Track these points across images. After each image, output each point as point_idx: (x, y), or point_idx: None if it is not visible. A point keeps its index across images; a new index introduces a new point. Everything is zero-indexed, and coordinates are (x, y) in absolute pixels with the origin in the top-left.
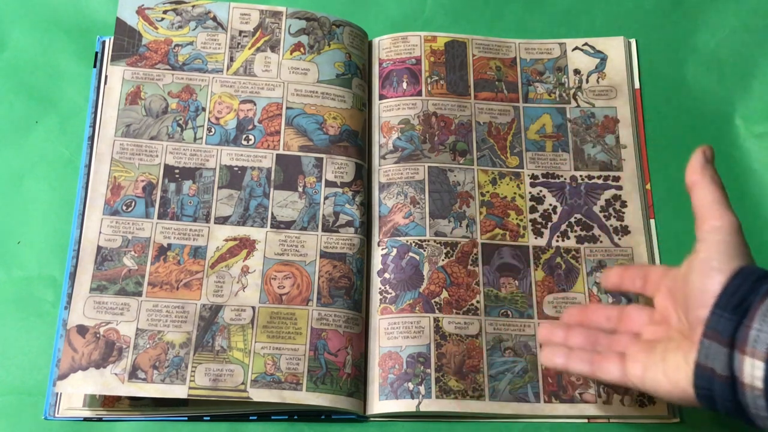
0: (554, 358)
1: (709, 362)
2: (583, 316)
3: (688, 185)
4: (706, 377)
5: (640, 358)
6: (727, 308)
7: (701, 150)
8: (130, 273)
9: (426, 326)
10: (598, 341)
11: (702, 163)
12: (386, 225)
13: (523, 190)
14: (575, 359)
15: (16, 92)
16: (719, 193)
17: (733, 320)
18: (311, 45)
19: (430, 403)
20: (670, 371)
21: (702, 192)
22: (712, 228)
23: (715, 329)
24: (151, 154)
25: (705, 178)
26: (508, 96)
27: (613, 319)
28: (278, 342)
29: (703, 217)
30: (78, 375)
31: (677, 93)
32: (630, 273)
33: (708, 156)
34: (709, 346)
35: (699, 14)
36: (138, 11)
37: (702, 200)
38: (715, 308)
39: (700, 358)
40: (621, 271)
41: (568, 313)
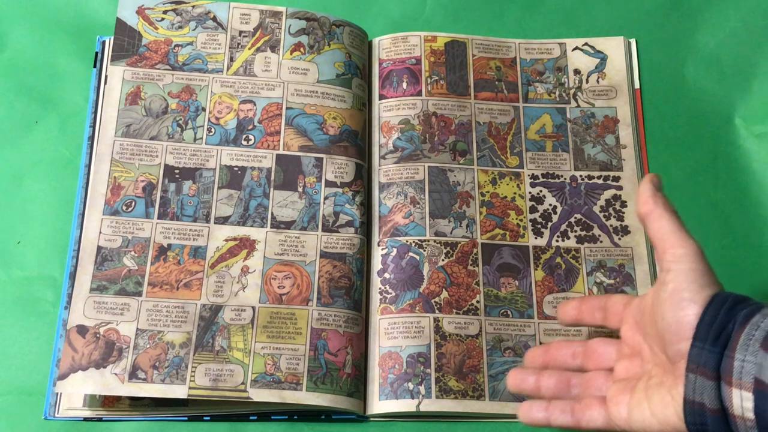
0: (535, 414)
1: (697, 397)
2: (546, 356)
3: (641, 216)
4: (697, 413)
5: (623, 400)
6: (707, 340)
7: (649, 178)
8: (130, 273)
9: (426, 326)
10: (571, 383)
11: (652, 192)
12: (386, 225)
13: (523, 190)
14: (556, 412)
15: (16, 92)
16: (676, 221)
17: (716, 352)
18: (311, 45)
19: (430, 403)
20: (657, 409)
21: (658, 222)
22: (675, 257)
23: (699, 363)
24: (151, 155)
25: (658, 207)
26: (508, 96)
27: (578, 355)
28: (278, 342)
29: (664, 246)
30: (78, 375)
31: (677, 93)
32: (588, 305)
33: (656, 184)
34: (695, 380)
35: (699, 14)
36: (138, 11)
37: (659, 230)
38: (695, 341)
39: (687, 394)
40: (578, 303)
41: (531, 355)
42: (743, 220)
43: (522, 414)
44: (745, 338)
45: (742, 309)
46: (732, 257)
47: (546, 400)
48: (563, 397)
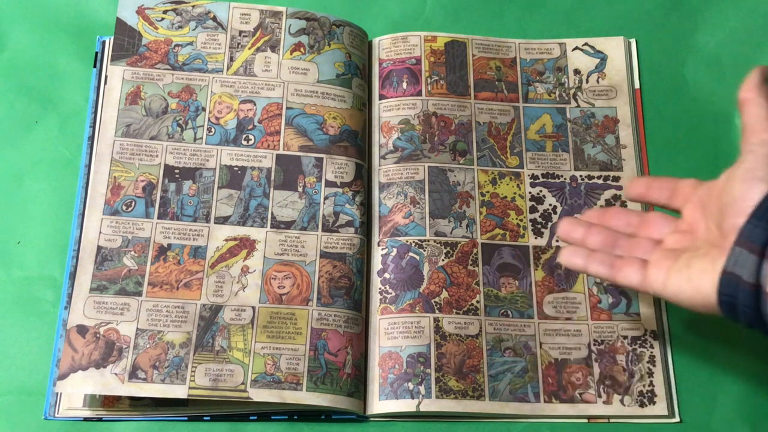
0: (574, 259)
1: (737, 269)
2: (603, 218)
3: (741, 101)
4: (731, 284)
5: (665, 265)
6: (763, 218)
7: (759, 69)
8: (130, 273)
9: (426, 326)
10: (618, 243)
11: (759, 81)
12: (386, 225)
13: (523, 190)
14: (595, 261)
15: (16, 92)
16: None
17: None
18: (311, 45)
19: (430, 403)
20: (695, 277)
21: (755, 108)
22: (761, 141)
23: (749, 237)
24: (151, 154)
25: (759, 96)
26: (508, 96)
27: (633, 224)
28: (278, 342)
29: (754, 130)
30: (78, 375)
31: (677, 93)
32: (659, 183)
33: (765, 75)
34: (739, 253)
35: (699, 14)
36: (138, 11)
37: (754, 116)
38: (751, 217)
39: (728, 265)
40: (649, 181)
41: (587, 214)
42: None
43: (563, 256)
44: None
45: None
46: None
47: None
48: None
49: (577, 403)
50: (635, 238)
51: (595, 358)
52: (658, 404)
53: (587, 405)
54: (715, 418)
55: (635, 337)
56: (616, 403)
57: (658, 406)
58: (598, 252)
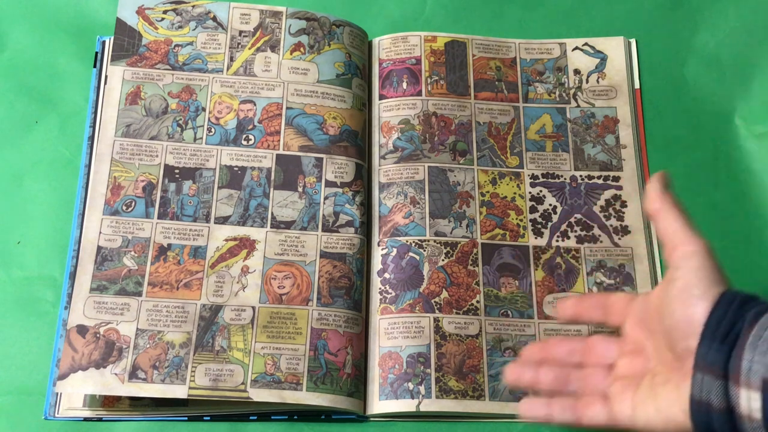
0: (535, 410)
1: (704, 396)
2: (544, 352)
3: (650, 214)
4: (703, 411)
5: (627, 397)
6: (715, 339)
7: (657, 177)
8: (130, 273)
9: (426, 326)
10: (570, 378)
11: (661, 190)
12: (386, 225)
13: (523, 190)
14: (557, 409)
15: (16, 92)
16: (684, 218)
17: (724, 351)
18: (311, 45)
19: (430, 403)
20: (663, 407)
21: (666, 220)
22: (685, 254)
23: (706, 361)
24: (151, 154)
25: (666, 205)
26: (508, 96)
27: (577, 352)
28: (278, 342)
29: (673, 244)
30: (78, 375)
31: (677, 93)
32: (588, 303)
33: (665, 182)
34: (702, 379)
35: (699, 14)
36: (138, 11)
37: (668, 228)
38: (702, 339)
39: (694, 392)
40: (577, 301)
41: (528, 351)
42: (743, 220)
43: (523, 410)
44: (754, 338)
45: (751, 308)
46: (732, 257)
47: (546, 397)
48: (561, 391)
49: None
50: (586, 369)
51: None
52: None
53: None
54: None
55: None
56: None
57: None
58: (556, 399)
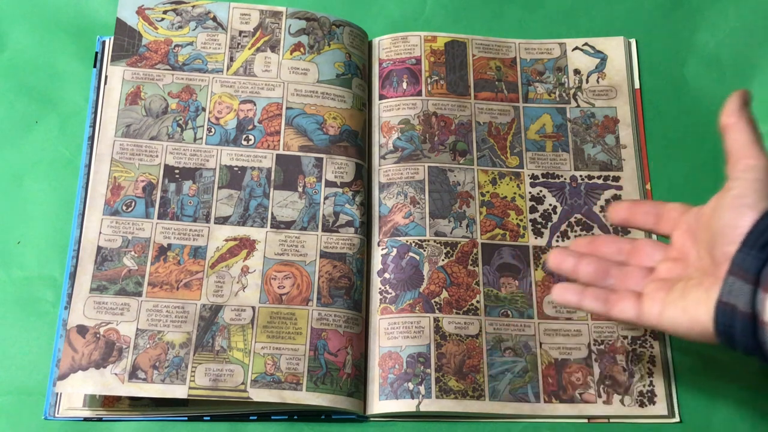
0: (567, 295)
1: (732, 299)
2: (592, 246)
3: (723, 126)
4: (727, 314)
5: (659, 297)
6: (755, 246)
7: (739, 93)
8: (130, 273)
9: (426, 326)
10: (610, 273)
11: (739, 105)
12: (386, 225)
13: (523, 190)
14: (589, 297)
15: (16, 92)
16: (755, 135)
17: (760, 259)
18: (311, 45)
19: (430, 403)
20: (691, 308)
21: (738, 133)
22: (747, 167)
23: (741, 266)
24: (151, 155)
25: (741, 120)
26: (508, 96)
27: (624, 251)
28: (278, 342)
29: (738, 156)
30: (78, 375)
31: (677, 93)
32: (642, 208)
33: (745, 99)
34: (733, 282)
35: (699, 14)
36: (138, 11)
37: (738, 141)
38: (742, 246)
39: (722, 295)
40: (631, 205)
41: (576, 243)
42: None
43: (556, 293)
44: None
45: None
46: None
47: (581, 285)
48: (598, 284)
49: (577, 403)
50: (627, 267)
51: (595, 358)
52: (658, 404)
53: (587, 405)
54: (715, 418)
55: (635, 337)
56: (616, 403)
57: (658, 406)
58: (590, 287)
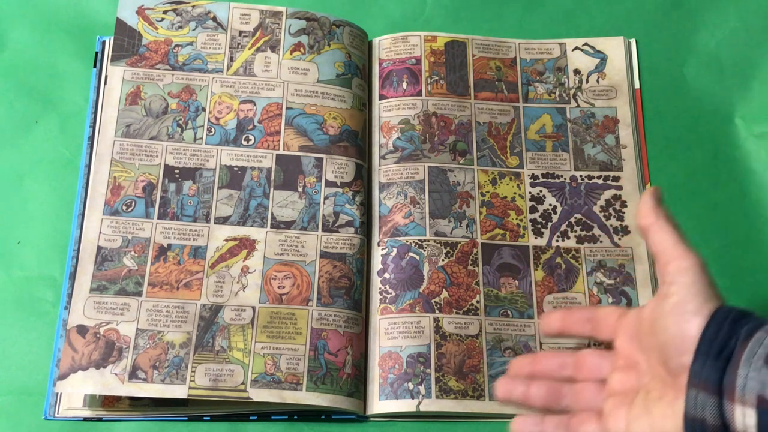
0: (528, 428)
1: (698, 413)
2: (534, 365)
3: (642, 229)
4: (697, 428)
5: (621, 414)
6: (709, 355)
7: (650, 192)
8: (130, 273)
9: (426, 326)
10: (562, 393)
11: (653, 205)
12: (386, 225)
13: (523, 190)
14: (550, 427)
15: (16, 92)
16: (678, 233)
17: (718, 368)
18: (311, 45)
19: (430, 403)
20: (657, 424)
21: (659, 235)
22: (678, 269)
23: (700, 378)
24: (151, 155)
25: (660, 220)
26: (508, 96)
27: (568, 366)
28: (278, 342)
29: (667, 259)
30: (78, 375)
31: (677, 93)
32: (575, 316)
33: (658, 197)
34: (696, 396)
35: (699, 14)
36: (138, 11)
37: (661, 243)
38: (697, 356)
39: (688, 410)
40: (563, 315)
41: (517, 364)
42: (743, 220)
43: (515, 428)
44: (749, 354)
45: (745, 324)
46: (732, 257)
47: (539, 414)
48: (553, 407)
49: None
50: (578, 384)
51: None
52: None
53: None
54: None
55: None
56: None
57: None
58: (548, 417)
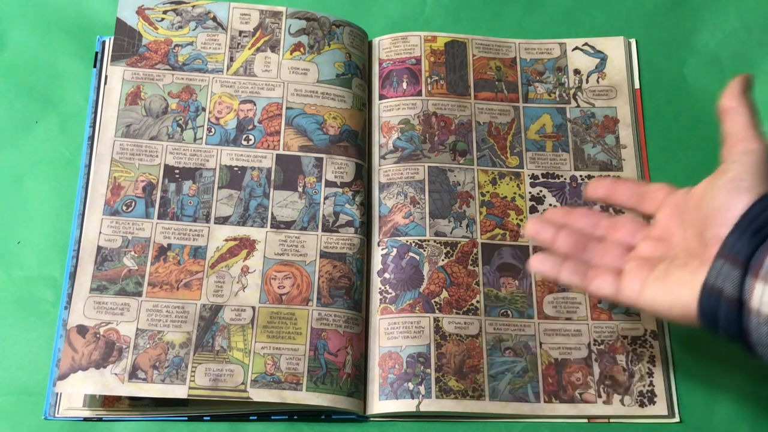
0: (544, 266)
1: (719, 282)
2: (569, 217)
3: (722, 109)
4: (713, 297)
5: (640, 275)
6: (747, 231)
7: (741, 78)
8: (130, 273)
9: (426, 326)
10: (588, 247)
11: (741, 90)
12: (386, 225)
13: (523, 190)
14: (567, 270)
15: (16, 92)
16: (755, 119)
17: (752, 244)
18: (311, 45)
19: (430, 403)
20: (673, 288)
21: (738, 117)
22: (745, 150)
23: (731, 250)
24: (151, 155)
25: (742, 104)
26: (508, 96)
27: (602, 226)
28: (278, 342)
29: (737, 139)
30: (78, 375)
31: (677, 93)
32: (624, 187)
33: (747, 84)
34: (721, 266)
35: (699, 14)
36: (138, 11)
37: (737, 124)
38: (735, 229)
39: (709, 278)
40: (611, 183)
41: (552, 212)
42: None
43: (533, 263)
44: None
45: None
46: None
47: (560, 257)
48: (575, 256)
49: (577, 403)
50: (606, 243)
51: (595, 358)
52: (658, 404)
53: (587, 405)
54: (715, 418)
55: (635, 337)
56: (616, 403)
57: (658, 406)
58: (568, 260)
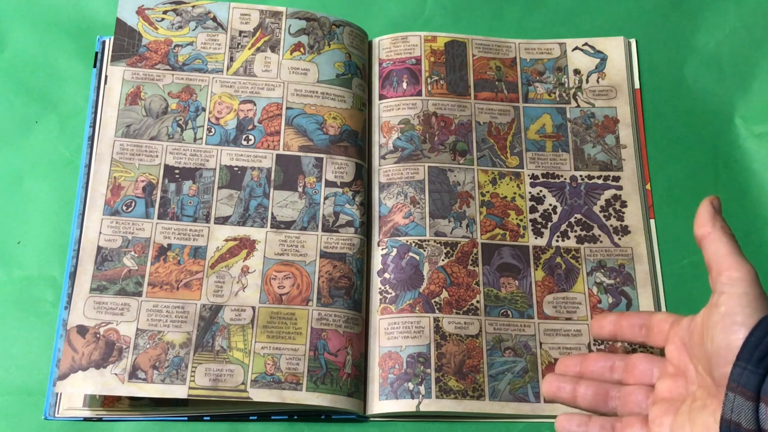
0: (570, 426)
1: (735, 416)
2: (583, 366)
3: (698, 237)
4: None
5: (666, 422)
6: (750, 361)
7: (709, 201)
8: (130, 273)
9: (426, 326)
10: (610, 395)
11: (711, 214)
12: (386, 225)
13: (523, 190)
14: (595, 428)
15: (16, 92)
16: (733, 244)
17: (758, 373)
18: (311, 45)
19: (430, 403)
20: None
21: (715, 244)
22: (730, 280)
23: (739, 383)
24: (151, 155)
25: (716, 230)
26: (508, 96)
27: (618, 369)
28: (278, 342)
29: (719, 268)
30: (78, 375)
31: (677, 93)
32: (628, 321)
33: (716, 206)
34: (734, 400)
35: (699, 14)
36: (138, 11)
37: (716, 253)
38: (737, 361)
39: (725, 413)
40: (616, 318)
41: (565, 362)
42: (743, 220)
43: (560, 426)
44: None
45: None
46: None
47: (586, 415)
48: (600, 409)
49: None
50: (626, 387)
51: None
52: None
53: None
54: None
55: None
56: None
57: None
58: (594, 418)
